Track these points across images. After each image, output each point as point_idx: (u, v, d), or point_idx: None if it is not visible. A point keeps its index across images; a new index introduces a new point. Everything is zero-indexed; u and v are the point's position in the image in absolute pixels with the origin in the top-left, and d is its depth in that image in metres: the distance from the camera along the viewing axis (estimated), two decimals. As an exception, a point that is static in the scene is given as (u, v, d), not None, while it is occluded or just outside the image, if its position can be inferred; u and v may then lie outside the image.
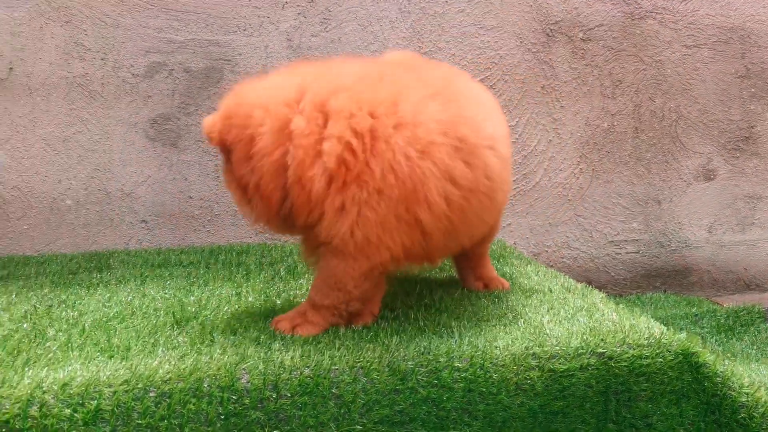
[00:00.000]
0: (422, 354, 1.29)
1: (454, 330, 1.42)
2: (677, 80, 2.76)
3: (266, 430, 1.20)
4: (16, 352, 1.30)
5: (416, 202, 1.33)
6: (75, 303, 1.65)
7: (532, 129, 2.68)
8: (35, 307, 1.62)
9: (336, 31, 2.52)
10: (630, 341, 1.35)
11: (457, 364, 1.28)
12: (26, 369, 1.21)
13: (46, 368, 1.21)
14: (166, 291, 1.76)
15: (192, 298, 1.69)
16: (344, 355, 1.29)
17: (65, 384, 1.15)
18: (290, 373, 1.24)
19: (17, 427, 1.10)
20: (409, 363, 1.28)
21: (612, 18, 2.70)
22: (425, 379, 1.26)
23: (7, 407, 1.11)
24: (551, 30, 2.67)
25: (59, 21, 2.32)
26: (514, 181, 2.67)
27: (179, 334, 1.41)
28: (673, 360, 1.35)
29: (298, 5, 2.48)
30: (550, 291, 1.70)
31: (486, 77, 2.62)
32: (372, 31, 2.54)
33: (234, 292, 1.75)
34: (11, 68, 2.31)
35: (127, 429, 1.14)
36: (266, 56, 2.48)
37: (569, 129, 2.72)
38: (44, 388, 1.14)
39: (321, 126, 1.33)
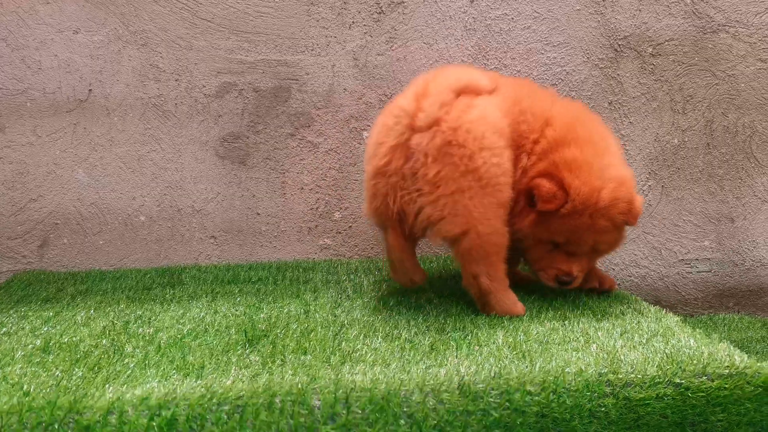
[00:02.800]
0: (493, 378, 1.29)
1: (525, 353, 1.40)
2: (752, 95, 2.67)
3: (338, 450, 1.21)
4: (96, 368, 1.35)
5: None
6: (150, 319, 1.70)
7: (600, 145, 2.63)
8: (113, 322, 1.68)
9: (401, 50, 2.54)
10: (709, 371, 1.31)
11: (529, 388, 1.27)
12: (107, 386, 1.25)
13: (126, 385, 1.25)
14: (237, 308, 1.80)
15: (262, 315, 1.72)
16: (413, 378, 1.29)
17: (144, 399, 1.19)
18: (361, 392, 1.25)
19: (97, 432, 1.14)
20: (480, 385, 1.27)
21: (683, 32, 2.64)
22: (497, 401, 1.25)
23: (88, 416, 1.15)
24: (619, 45, 2.62)
25: (136, 44, 2.41)
26: (580, 198, 2.62)
27: (251, 352, 1.44)
28: (752, 391, 1.30)
29: (364, 24, 2.51)
30: (622, 314, 1.67)
31: (552, 94, 2.59)
32: (437, 49, 2.55)
33: (302, 309, 1.77)
34: (90, 90, 2.41)
35: None
36: (333, 75, 2.51)
37: (638, 145, 2.66)
38: (123, 401, 1.18)
39: None
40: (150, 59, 2.42)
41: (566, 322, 1.62)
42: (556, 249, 1.76)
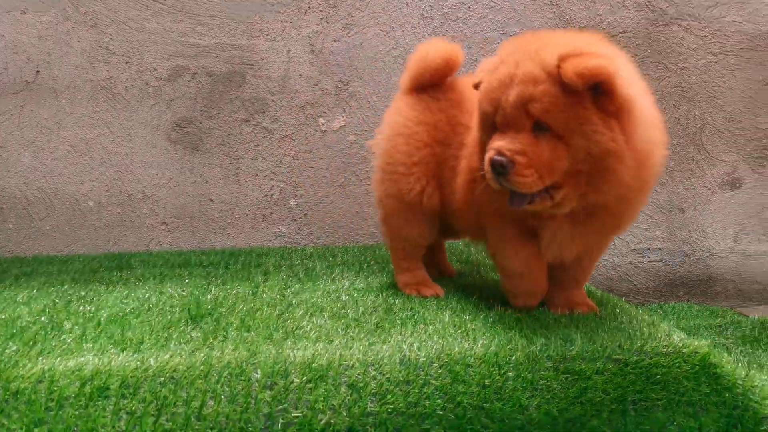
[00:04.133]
0: (435, 353, 1.28)
1: (470, 332, 1.40)
2: (703, 88, 2.72)
3: (274, 408, 1.18)
4: (31, 342, 1.32)
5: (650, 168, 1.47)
6: (93, 299, 1.67)
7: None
8: (54, 301, 1.64)
9: (358, 36, 2.53)
10: (648, 349, 1.33)
11: (470, 361, 1.27)
12: (40, 358, 1.22)
13: (59, 358, 1.22)
14: (184, 289, 1.77)
15: (209, 296, 1.69)
16: (355, 354, 1.28)
17: (76, 370, 1.16)
18: (300, 365, 1.23)
19: (25, 398, 1.11)
20: (422, 358, 1.27)
21: (636, 24, 2.68)
22: (438, 372, 1.25)
23: (18, 383, 1.13)
24: (574, 36, 2.65)
25: (85, 25, 2.36)
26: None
27: (193, 329, 1.41)
28: (689, 370, 1.32)
29: (320, 10, 2.50)
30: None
31: (507, 83, 2.61)
32: (394, 37, 2.54)
33: (251, 291, 1.75)
34: (38, 71, 2.35)
35: (132, 403, 1.14)
36: (288, 61, 2.49)
37: (592, 136, 2.69)
38: (55, 371, 1.15)
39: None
40: (100, 41, 2.38)
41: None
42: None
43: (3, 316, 1.50)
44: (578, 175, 1.35)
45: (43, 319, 1.48)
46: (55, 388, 1.13)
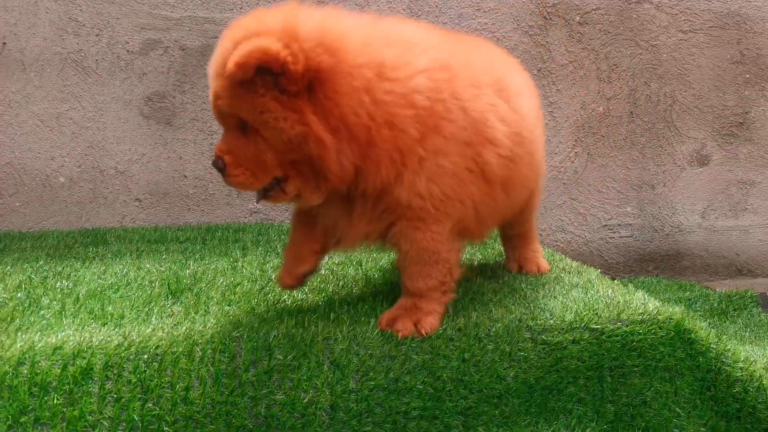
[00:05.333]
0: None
1: (450, 305, 1.42)
2: (673, 65, 2.76)
3: (259, 391, 1.19)
4: (9, 319, 1.30)
5: (482, 143, 1.27)
6: (70, 274, 1.65)
7: (528, 112, 2.68)
8: (30, 277, 1.62)
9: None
10: (624, 317, 1.36)
11: (450, 333, 1.29)
12: (19, 334, 1.20)
13: (39, 333, 1.21)
14: (162, 264, 1.76)
15: (188, 271, 1.69)
16: (338, 326, 1.29)
17: (57, 348, 1.15)
18: (283, 339, 1.24)
19: (8, 383, 1.10)
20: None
21: (609, 2, 2.70)
22: (419, 346, 1.27)
23: (-1, 367, 1.11)
24: (548, 13, 2.66)
25: (54, -4, 2.31)
26: (509, 164, 2.67)
27: (174, 303, 1.41)
28: (665, 336, 1.36)
29: (294, -16, 2.47)
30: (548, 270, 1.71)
31: (482, 59, 2.62)
32: (369, 11, 2.53)
33: (230, 266, 1.75)
34: (4, 43, 2.29)
35: (117, 386, 1.14)
36: (262, 35, 2.46)
37: (565, 113, 2.72)
38: (36, 350, 1.14)
39: (411, 61, 1.23)
40: (69, 12, 2.32)
41: (493, 276, 1.65)
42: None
43: (-23, 293, 1.48)
44: (299, 164, 1.20)
45: (19, 295, 1.46)
46: (38, 371, 1.11)
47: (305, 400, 1.21)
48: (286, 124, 1.16)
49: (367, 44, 1.20)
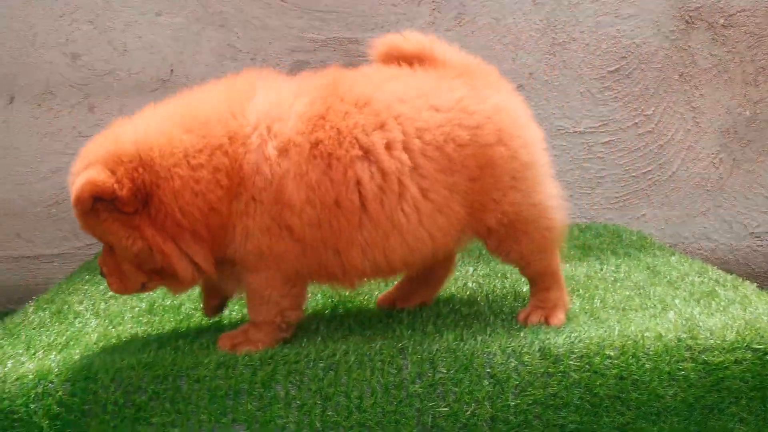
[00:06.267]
0: (572, 342, 1.33)
1: (602, 320, 1.45)
2: (830, 65, 2.62)
3: (425, 402, 1.28)
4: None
5: (283, 205, 1.30)
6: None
7: (669, 118, 2.63)
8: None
9: (469, 26, 2.57)
10: (788, 337, 1.34)
11: (608, 352, 1.32)
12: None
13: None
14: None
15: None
16: (495, 340, 1.35)
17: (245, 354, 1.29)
18: (445, 353, 1.32)
19: (207, 386, 1.27)
20: (560, 349, 1.32)
21: (755, 2, 2.60)
22: (576, 364, 1.31)
23: (200, 371, 1.27)
24: (690, 17, 2.60)
25: (214, 25, 2.51)
26: (648, 171, 2.63)
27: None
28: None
29: (433, 1, 2.55)
30: (700, 282, 1.69)
31: (621, 66, 2.59)
32: (505, 24, 2.57)
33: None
34: (172, 70, 2.52)
35: (300, 394, 1.27)
36: (402, 52, 2.56)
37: (708, 117, 2.64)
38: (236, 359, 1.28)
39: (209, 141, 1.30)
40: (227, 39, 2.52)
41: (641, 290, 1.65)
42: None
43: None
44: (157, 271, 1.32)
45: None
46: (231, 375, 1.26)
47: (467, 413, 1.28)
48: (128, 242, 1.27)
49: (171, 141, 1.28)
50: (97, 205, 1.26)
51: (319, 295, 1.71)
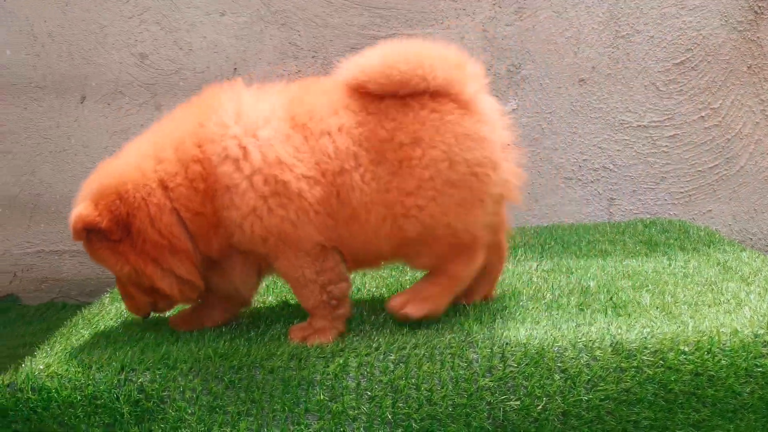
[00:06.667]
0: (645, 337, 1.32)
1: (675, 315, 1.43)
2: None
3: (496, 396, 1.28)
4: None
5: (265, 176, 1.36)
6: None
7: (737, 111, 2.56)
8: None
9: (530, 20, 2.55)
10: None
11: (683, 348, 1.30)
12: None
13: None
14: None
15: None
16: (565, 335, 1.35)
17: (318, 347, 1.32)
18: (515, 347, 1.32)
19: (280, 376, 1.31)
20: (633, 344, 1.31)
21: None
22: (650, 359, 1.29)
23: (273, 362, 1.30)
24: (759, 7, 2.53)
25: (276, 24, 2.55)
26: (715, 165, 2.57)
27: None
28: None
29: (493, -4, 2.54)
30: (774, 279, 1.65)
31: (687, 59, 2.54)
32: (567, 18, 2.54)
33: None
34: (235, 69, 2.57)
35: (371, 386, 1.29)
36: (462, 47, 2.55)
37: (779, 110, 2.56)
38: (308, 351, 1.31)
39: (180, 164, 1.40)
40: (289, 37, 2.56)
41: (713, 286, 1.62)
42: None
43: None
44: (153, 290, 1.43)
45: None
46: (304, 367, 1.29)
47: (539, 407, 1.28)
48: (117, 267, 1.40)
49: (144, 174, 1.39)
50: (90, 236, 1.40)
51: (384, 288, 1.73)
